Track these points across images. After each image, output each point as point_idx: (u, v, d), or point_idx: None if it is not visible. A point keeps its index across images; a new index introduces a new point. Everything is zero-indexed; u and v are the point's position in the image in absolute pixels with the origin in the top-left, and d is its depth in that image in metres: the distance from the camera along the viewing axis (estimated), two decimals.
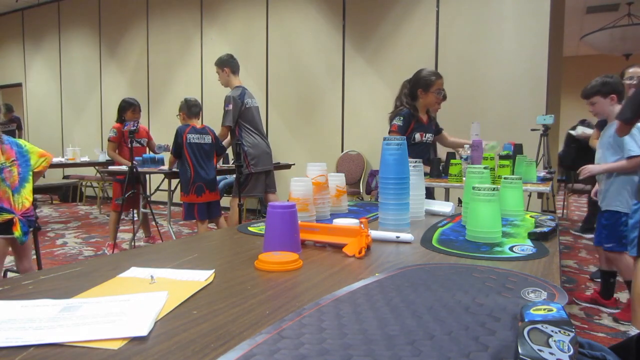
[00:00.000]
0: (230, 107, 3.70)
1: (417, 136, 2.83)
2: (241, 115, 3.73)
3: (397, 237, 1.07)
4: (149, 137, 4.52)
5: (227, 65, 3.83)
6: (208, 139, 3.74)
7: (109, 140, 4.25)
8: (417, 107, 2.82)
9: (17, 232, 2.23)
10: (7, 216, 2.20)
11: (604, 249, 2.49)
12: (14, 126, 6.82)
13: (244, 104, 3.77)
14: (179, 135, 3.65)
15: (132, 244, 4.08)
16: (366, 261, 0.90)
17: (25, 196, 2.28)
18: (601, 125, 2.79)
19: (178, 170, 3.81)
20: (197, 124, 3.78)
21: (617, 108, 2.47)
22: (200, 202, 3.70)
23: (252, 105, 3.86)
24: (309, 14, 5.92)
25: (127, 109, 4.19)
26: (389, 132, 2.79)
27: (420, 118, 2.85)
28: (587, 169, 2.59)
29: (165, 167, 4.21)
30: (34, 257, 3.10)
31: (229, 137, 3.84)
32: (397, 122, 2.75)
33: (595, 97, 2.54)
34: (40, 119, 8.84)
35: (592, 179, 3.04)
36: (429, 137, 2.92)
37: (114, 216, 4.03)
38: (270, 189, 4.04)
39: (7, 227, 2.21)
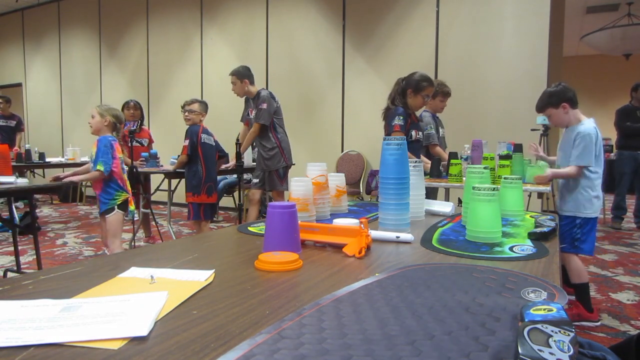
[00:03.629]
0: (265, 106, 3.84)
1: (413, 134, 2.89)
2: (276, 113, 3.94)
3: (397, 237, 1.07)
4: (150, 139, 4.52)
5: (247, 77, 3.94)
6: (213, 141, 3.83)
7: None
8: (407, 105, 2.87)
9: (132, 206, 2.98)
10: (126, 195, 2.93)
11: (559, 249, 2.52)
12: (14, 123, 6.63)
13: (277, 102, 3.96)
14: (194, 134, 3.67)
15: (132, 244, 4.08)
16: (366, 261, 0.90)
17: None
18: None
19: (184, 170, 3.82)
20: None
21: (573, 113, 2.50)
22: (210, 202, 3.77)
23: (279, 104, 4.04)
24: (309, 14, 5.92)
25: (123, 108, 4.22)
26: (392, 133, 2.80)
27: (413, 116, 2.92)
28: (541, 178, 2.58)
29: (169, 167, 4.22)
30: (35, 256, 3.11)
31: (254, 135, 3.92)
32: (398, 121, 2.79)
33: (548, 110, 2.56)
34: (40, 119, 8.85)
35: None
36: (421, 134, 3.02)
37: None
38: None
39: (126, 204, 2.93)
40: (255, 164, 4.29)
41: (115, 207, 2.86)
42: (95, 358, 0.48)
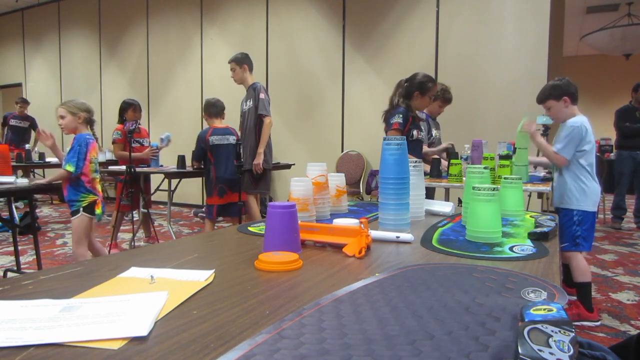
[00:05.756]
0: (263, 95, 3.73)
1: (415, 133, 2.90)
2: None
3: (397, 237, 1.07)
4: (149, 138, 4.52)
5: (246, 62, 3.86)
6: (233, 139, 3.76)
7: (113, 143, 4.24)
8: (411, 107, 2.88)
9: (99, 210, 2.82)
10: (93, 197, 2.78)
11: (560, 248, 2.52)
12: (27, 124, 6.78)
13: (268, 97, 3.84)
14: (201, 140, 3.69)
15: (132, 244, 4.08)
16: (366, 261, 0.90)
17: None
18: None
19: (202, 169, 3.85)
20: (219, 124, 3.82)
21: (571, 109, 2.51)
22: (222, 203, 3.73)
23: (269, 100, 3.91)
24: (309, 13, 5.92)
25: (127, 109, 4.20)
26: (390, 131, 2.82)
27: (414, 116, 2.93)
28: (529, 125, 2.62)
29: (168, 167, 4.22)
30: (35, 256, 3.11)
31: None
32: (397, 119, 2.80)
33: (549, 102, 2.56)
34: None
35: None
36: (422, 134, 3.04)
37: (119, 216, 4.02)
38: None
39: (93, 207, 2.79)
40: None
41: (81, 209, 2.73)
42: (95, 358, 0.48)
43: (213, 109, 3.83)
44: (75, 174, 2.66)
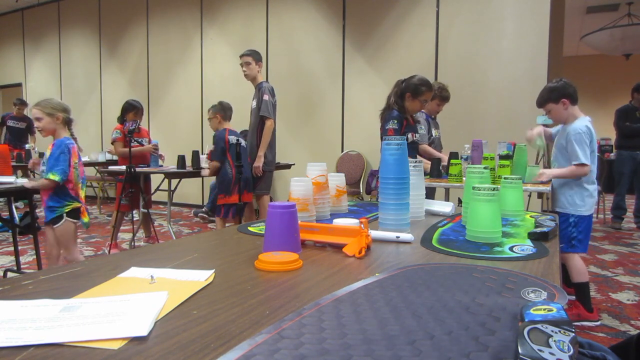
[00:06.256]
0: (267, 97, 3.69)
1: (409, 136, 2.91)
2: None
3: (397, 237, 1.07)
4: (149, 138, 4.52)
5: (261, 60, 3.88)
6: (242, 141, 3.80)
7: (113, 142, 4.22)
8: (404, 109, 2.88)
9: (86, 218, 2.68)
10: (77, 204, 2.61)
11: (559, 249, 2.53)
12: (24, 125, 6.75)
13: (274, 99, 3.82)
14: (221, 140, 3.69)
15: (132, 244, 4.08)
16: (366, 261, 0.90)
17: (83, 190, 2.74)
18: None
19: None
20: (229, 127, 3.84)
21: (572, 110, 2.50)
22: (243, 202, 3.72)
23: (275, 102, 3.88)
24: (309, 13, 5.92)
25: (130, 110, 4.19)
26: (385, 137, 2.81)
27: (409, 119, 2.93)
28: (545, 174, 2.56)
29: (168, 167, 4.21)
30: (35, 256, 3.11)
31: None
32: (392, 125, 2.81)
33: (548, 105, 2.56)
34: None
35: None
36: (418, 136, 3.04)
37: (119, 216, 4.02)
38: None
39: (76, 213, 2.62)
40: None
41: (64, 214, 2.57)
42: (95, 358, 0.48)
43: (229, 112, 3.89)
44: (62, 182, 2.50)
